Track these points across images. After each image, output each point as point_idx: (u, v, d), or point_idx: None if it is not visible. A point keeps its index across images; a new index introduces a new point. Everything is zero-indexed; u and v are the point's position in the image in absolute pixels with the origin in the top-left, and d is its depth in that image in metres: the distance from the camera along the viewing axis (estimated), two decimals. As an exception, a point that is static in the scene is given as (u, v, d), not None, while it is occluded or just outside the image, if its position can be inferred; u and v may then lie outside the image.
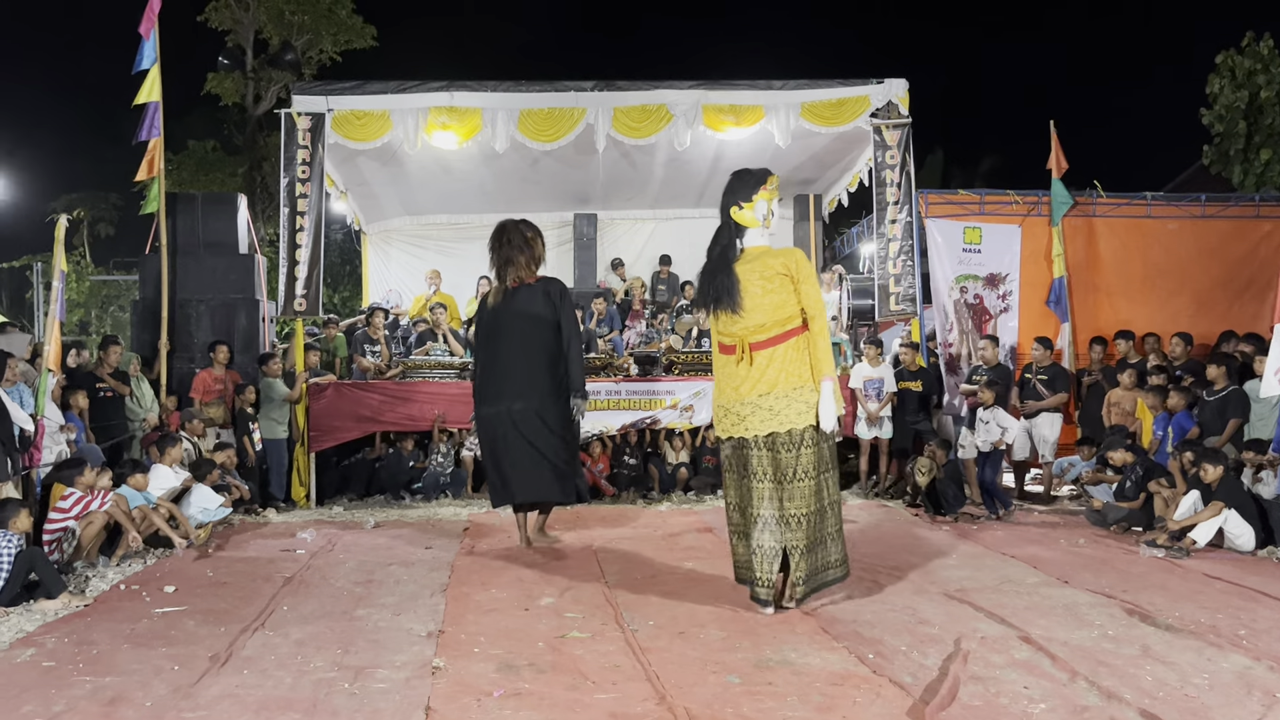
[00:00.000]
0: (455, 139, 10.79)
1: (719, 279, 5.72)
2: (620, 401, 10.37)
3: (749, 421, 5.62)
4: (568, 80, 10.75)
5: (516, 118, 10.62)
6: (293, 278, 10.43)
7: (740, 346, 5.67)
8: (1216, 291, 11.34)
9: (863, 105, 10.84)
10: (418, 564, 7.14)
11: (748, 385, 5.63)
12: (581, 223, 14.48)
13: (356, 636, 5.23)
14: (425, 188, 13.49)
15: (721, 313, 5.71)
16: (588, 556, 7.35)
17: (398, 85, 10.58)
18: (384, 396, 10.28)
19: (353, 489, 10.60)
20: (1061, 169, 11.15)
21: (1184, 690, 4.30)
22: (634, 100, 10.75)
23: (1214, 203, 11.64)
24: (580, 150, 11.33)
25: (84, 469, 7.18)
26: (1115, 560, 7.16)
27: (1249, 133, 13.00)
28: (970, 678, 4.44)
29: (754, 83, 10.83)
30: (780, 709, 4.08)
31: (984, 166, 24.59)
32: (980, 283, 11.16)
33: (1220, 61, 13.21)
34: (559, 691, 4.32)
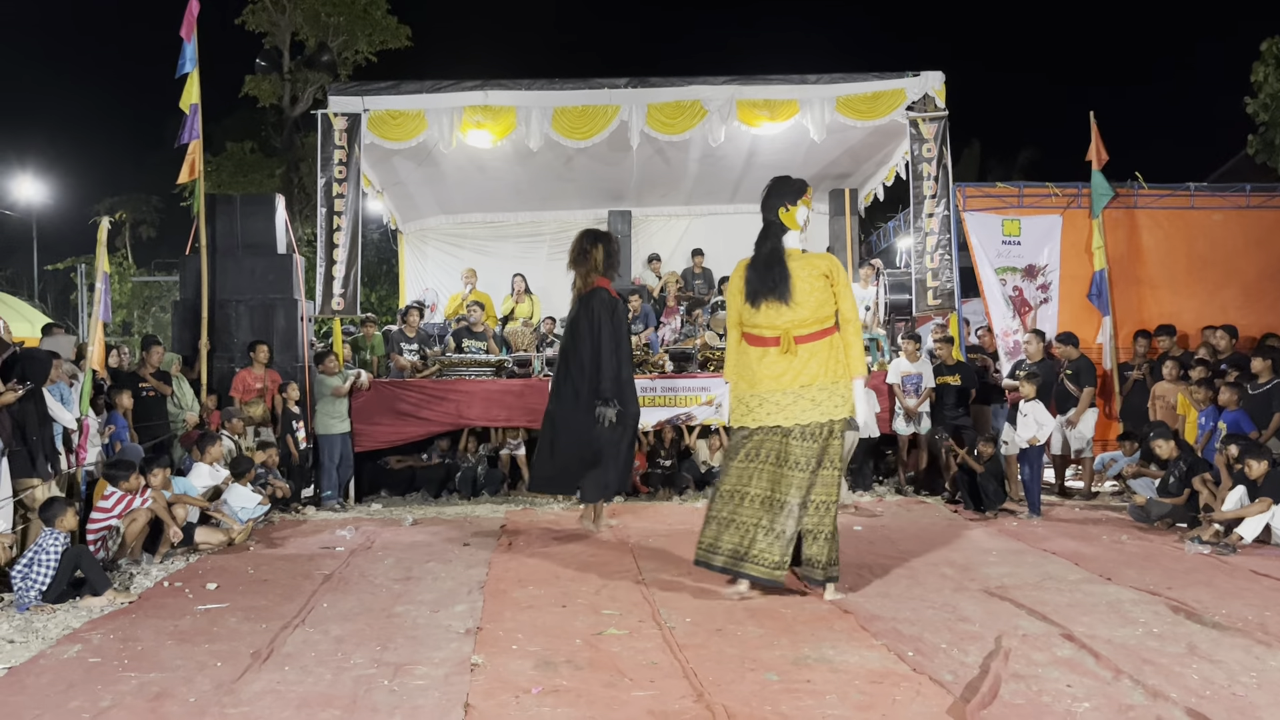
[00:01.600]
0: (490, 138, 10.83)
1: (775, 271, 5.91)
2: (655, 398, 10.36)
3: (790, 410, 5.84)
4: (601, 78, 10.75)
5: (550, 116, 10.64)
6: (330, 277, 10.52)
7: (785, 338, 5.86)
8: (1265, 283, 11.13)
9: (899, 98, 10.75)
10: (455, 561, 7.17)
11: (790, 376, 5.86)
12: (616, 220, 14.47)
13: (395, 633, 5.26)
14: (460, 187, 13.55)
15: (768, 304, 5.88)
16: (624, 554, 7.35)
17: (432, 85, 10.63)
18: (421, 394, 10.34)
19: (391, 487, 10.70)
20: (1102, 160, 10.98)
21: (1231, 689, 4.23)
22: (668, 96, 10.74)
23: (1259, 193, 11.42)
24: (614, 147, 11.33)
25: (132, 473, 7.26)
26: (1159, 556, 7.05)
27: (1294, 121, 12.78)
28: (1012, 676, 4.39)
29: (788, 77, 10.78)
30: (819, 707, 4.06)
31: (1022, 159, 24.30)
32: (1019, 275, 11.03)
33: (1265, 49, 12.97)
34: (597, 689, 4.32)
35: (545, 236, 15.22)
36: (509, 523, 8.85)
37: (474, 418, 10.36)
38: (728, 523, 5.94)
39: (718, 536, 5.96)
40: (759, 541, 5.80)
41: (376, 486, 10.77)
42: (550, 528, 8.56)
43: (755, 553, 5.81)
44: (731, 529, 5.91)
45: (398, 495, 10.65)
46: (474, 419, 10.37)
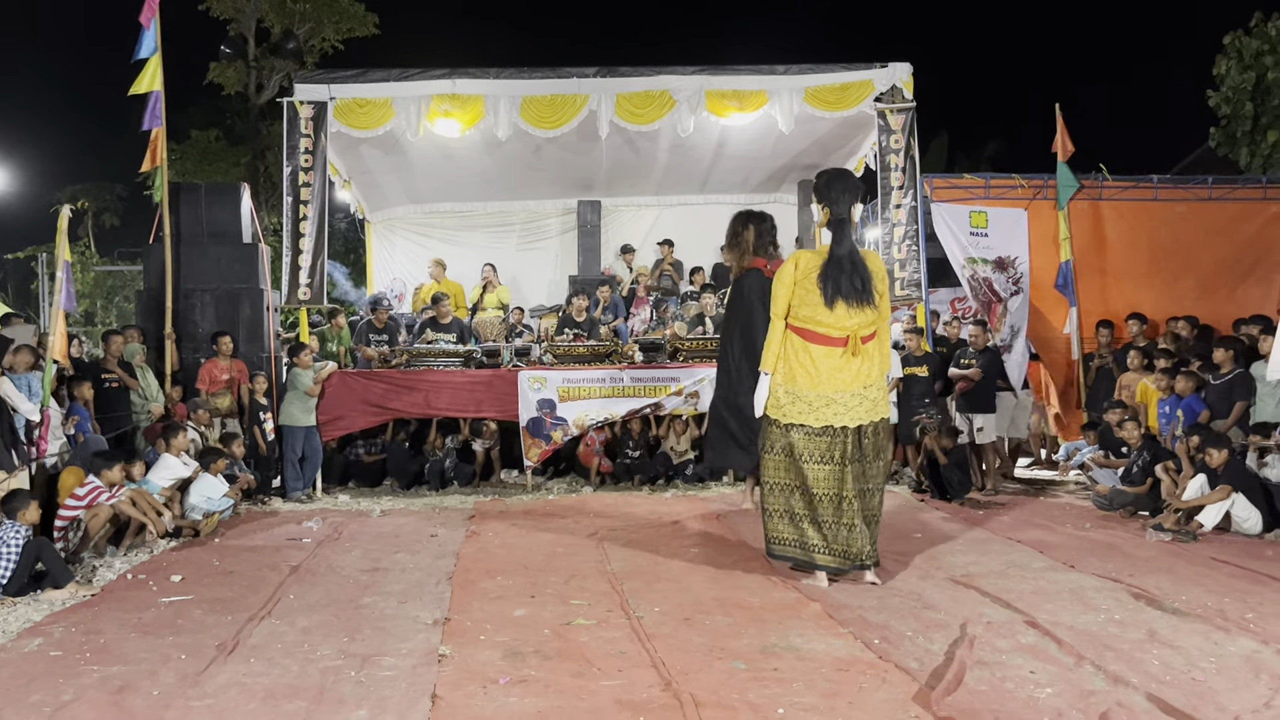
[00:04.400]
0: (458, 126, 10.76)
1: (861, 274, 5.89)
2: (625, 389, 10.35)
3: (856, 411, 5.91)
4: (570, 67, 10.71)
5: (519, 105, 10.58)
6: (296, 267, 10.43)
7: (853, 340, 5.89)
8: (1224, 274, 11.28)
9: (866, 89, 10.78)
10: (423, 552, 7.15)
11: (851, 377, 5.92)
12: (585, 210, 14.45)
13: (363, 624, 5.24)
14: (428, 176, 13.47)
15: (846, 307, 5.85)
16: (592, 543, 7.35)
17: (400, 73, 10.55)
18: (389, 385, 10.28)
19: (360, 479, 10.65)
20: (1067, 152, 11.09)
21: (1191, 674, 4.30)
22: (637, 86, 10.71)
23: (1220, 185, 11.57)
24: (583, 137, 11.30)
25: (116, 464, 7.18)
26: (1122, 544, 7.14)
27: (1256, 114, 12.91)
28: (976, 663, 4.44)
29: (757, 67, 10.78)
30: (786, 695, 4.08)
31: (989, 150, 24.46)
32: (989, 266, 11.10)
33: (1228, 43, 13.12)
34: (565, 678, 4.32)
35: (514, 226, 15.16)
36: (478, 514, 8.82)
37: (442, 408, 10.32)
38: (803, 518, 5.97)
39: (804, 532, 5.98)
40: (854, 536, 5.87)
41: (345, 478, 10.71)
42: (519, 519, 8.54)
43: (854, 548, 5.87)
44: (810, 525, 5.95)
45: (366, 487, 10.59)
46: (442, 409, 10.33)
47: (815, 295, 5.89)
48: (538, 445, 10.24)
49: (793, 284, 5.97)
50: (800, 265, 6.00)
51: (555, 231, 15.16)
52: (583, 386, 10.31)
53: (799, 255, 6.09)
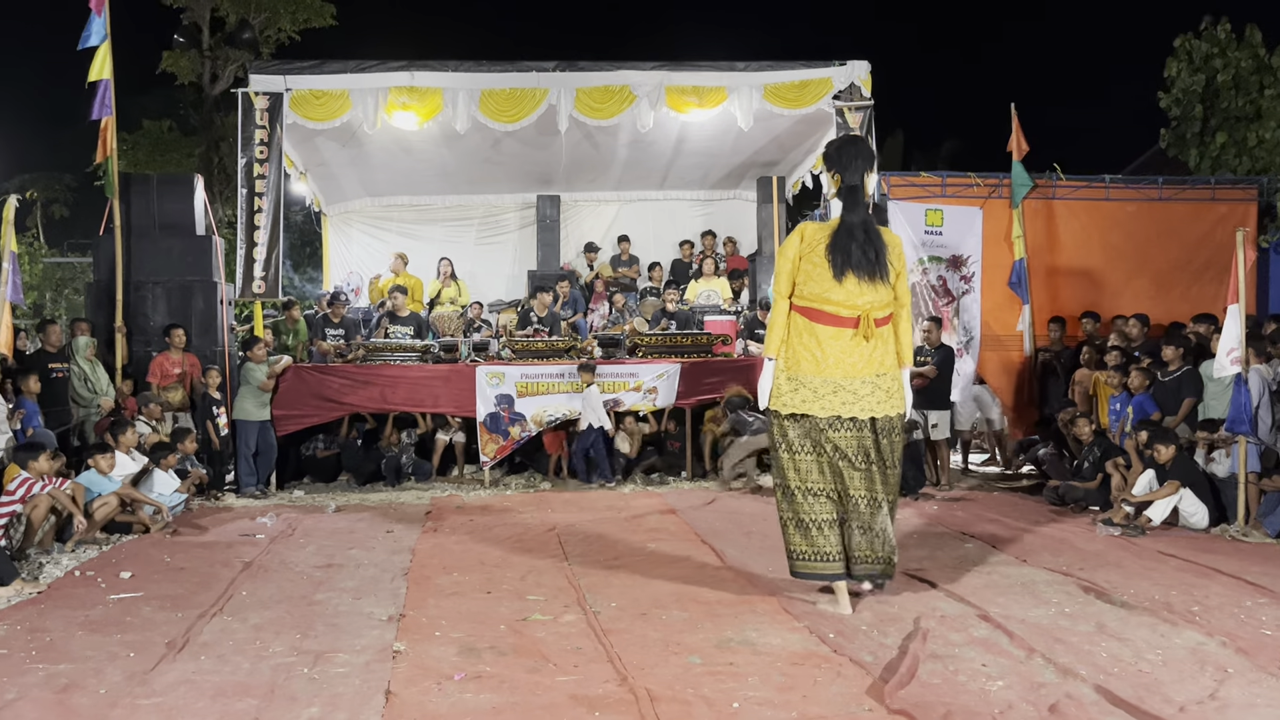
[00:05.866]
0: (416, 119, 10.71)
1: (874, 244, 5.25)
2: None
3: (867, 401, 5.28)
4: (529, 60, 10.68)
5: (478, 98, 10.55)
6: (251, 259, 10.32)
7: (865, 320, 5.24)
8: (1175, 273, 11.46)
9: (825, 87, 10.87)
10: (379, 548, 7.09)
11: (862, 362, 5.28)
12: (544, 204, 14.40)
13: (316, 621, 5.19)
14: (386, 169, 13.37)
15: (856, 280, 5.21)
16: (550, 539, 7.33)
17: (357, 65, 10.47)
18: (345, 379, 10.19)
19: (315, 474, 10.55)
20: (1022, 151, 11.21)
21: (1138, 666, 4.36)
22: (596, 81, 10.72)
23: (1171, 185, 11.75)
24: (542, 131, 11.27)
25: (41, 454, 7.05)
26: (1073, 539, 7.24)
27: (1205, 116, 13.11)
28: (929, 656, 4.48)
29: (717, 64, 10.82)
30: (741, 689, 4.10)
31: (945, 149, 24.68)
32: (943, 264, 11.21)
33: (1178, 45, 13.31)
34: (520, 674, 4.31)
35: (473, 220, 15.10)
36: (434, 510, 8.77)
37: (399, 403, 10.23)
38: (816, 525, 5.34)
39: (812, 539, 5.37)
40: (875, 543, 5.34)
41: (300, 474, 10.60)
42: (477, 514, 8.50)
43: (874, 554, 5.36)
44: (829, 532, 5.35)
45: (321, 483, 10.49)
46: (399, 404, 10.25)
47: (823, 269, 5.24)
48: (495, 441, 10.19)
49: (797, 258, 5.33)
50: (806, 237, 5.35)
51: (514, 226, 15.11)
52: (541, 382, 10.28)
53: (805, 227, 5.42)
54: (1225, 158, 12.71)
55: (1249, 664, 4.37)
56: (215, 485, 9.55)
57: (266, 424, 9.84)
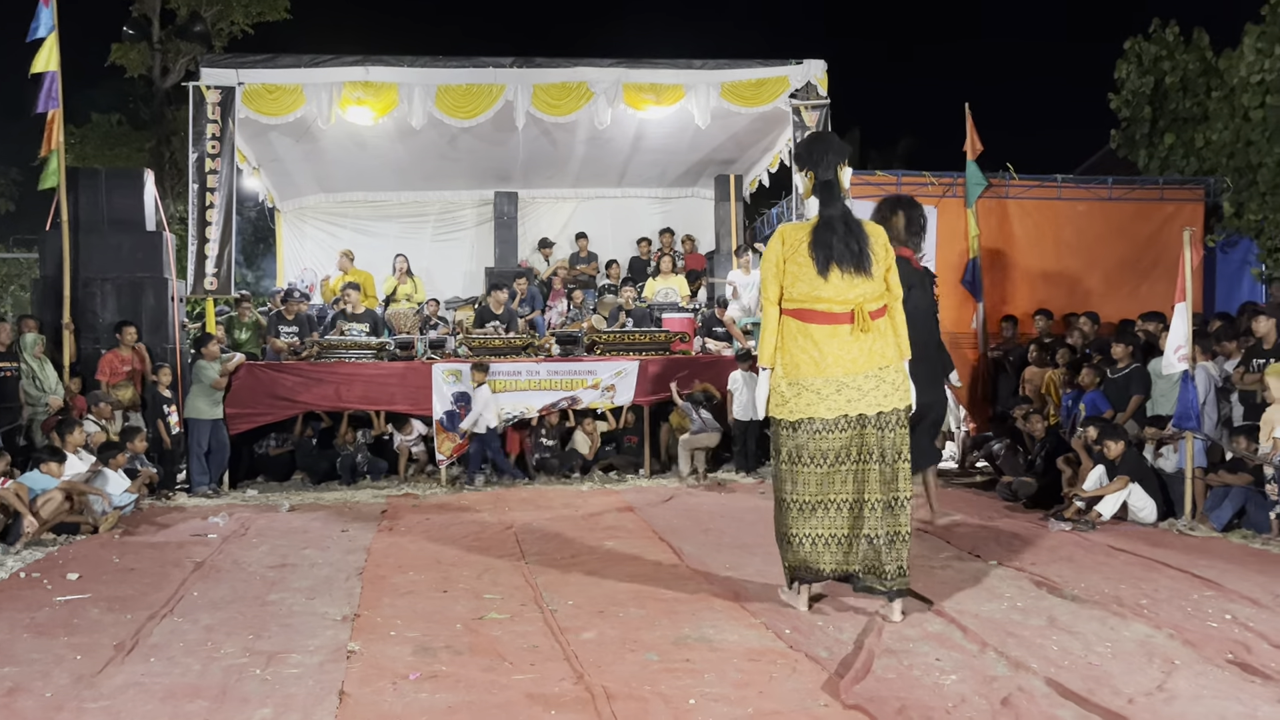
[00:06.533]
0: (371, 114, 10.62)
1: (857, 235, 5.15)
2: (541, 382, 10.31)
3: (873, 396, 5.12)
4: (486, 56, 10.62)
5: (434, 93, 10.48)
6: (203, 256, 10.18)
7: (859, 313, 5.13)
8: (1125, 271, 11.65)
9: (782, 86, 10.91)
10: (333, 547, 7.02)
11: (863, 357, 5.14)
12: (502, 201, 14.34)
13: (269, 621, 5.12)
14: (340, 164, 13.24)
15: (844, 274, 5.10)
16: (507, 537, 7.30)
17: (311, 59, 10.35)
18: (299, 377, 10.08)
19: (269, 473, 10.42)
20: (976, 151, 11.34)
21: (1088, 659, 4.43)
22: (554, 78, 10.68)
23: (1120, 185, 11.95)
24: (500, 127, 11.22)
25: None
26: (1025, 534, 7.33)
27: (1154, 117, 13.33)
28: (884, 651, 4.51)
29: (674, 61, 10.83)
30: (697, 685, 4.10)
31: (901, 148, 24.90)
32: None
33: (1128, 48, 13.52)
34: (476, 673, 4.28)
35: (429, 217, 15.00)
36: (390, 508, 8.70)
37: (354, 401, 10.14)
38: (820, 539, 5.14)
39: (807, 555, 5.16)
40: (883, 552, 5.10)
41: (253, 473, 10.47)
42: (433, 513, 8.44)
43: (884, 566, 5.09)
44: (828, 545, 5.13)
45: (275, 482, 10.37)
46: (354, 402, 10.16)
47: (808, 268, 5.13)
48: (452, 439, 10.13)
49: (781, 261, 5.21)
50: (787, 240, 5.23)
51: (471, 223, 15.03)
52: (498, 380, 10.23)
53: (784, 229, 5.31)
54: (1173, 158, 12.93)
55: (1196, 656, 4.45)
56: (166, 485, 9.42)
57: (219, 422, 9.71)
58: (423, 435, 10.39)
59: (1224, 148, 11.84)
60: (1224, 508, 7.52)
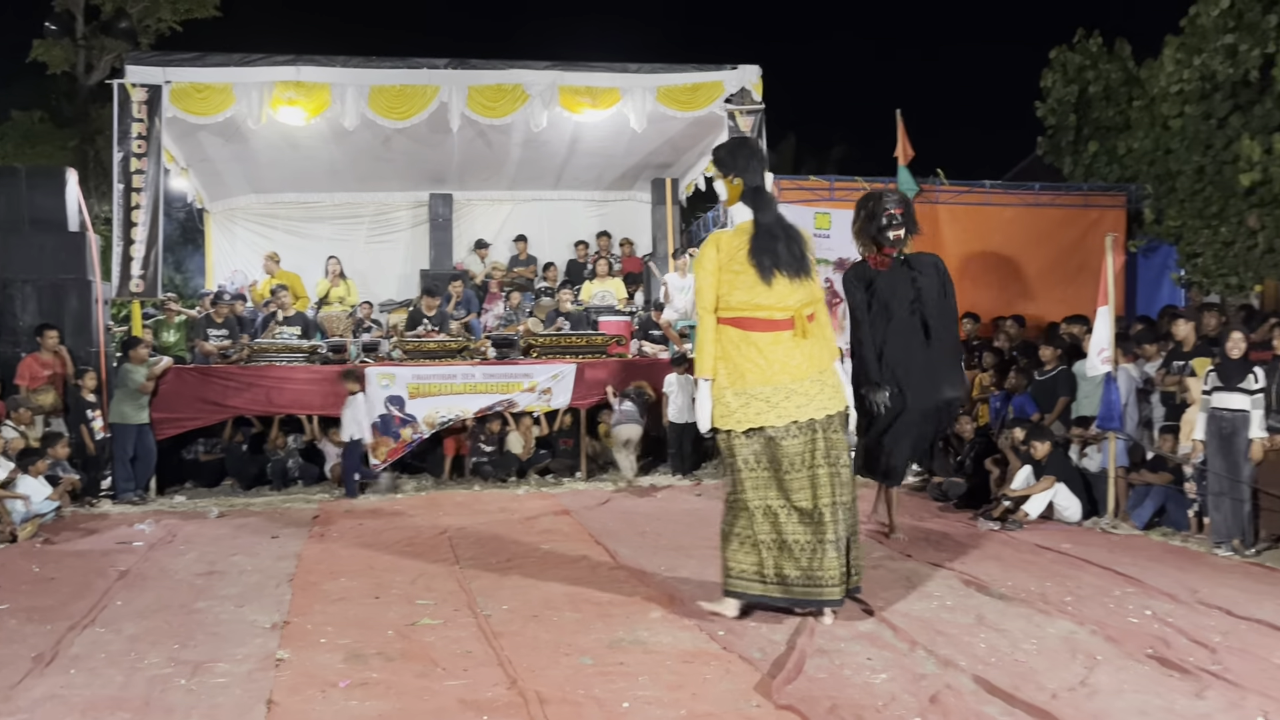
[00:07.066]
0: (303, 115, 10.48)
1: (796, 241, 5.14)
2: (476, 385, 10.24)
3: (819, 400, 5.08)
4: (420, 57, 10.53)
5: (367, 94, 10.36)
6: (128, 257, 9.97)
7: (799, 319, 5.10)
8: (1051, 275, 11.90)
9: (717, 90, 10.98)
10: (263, 554, 6.91)
11: (805, 362, 5.10)
12: (437, 203, 14.21)
13: (196, 630, 5.03)
14: (272, 165, 13.02)
15: (784, 280, 5.05)
16: (441, 542, 7.24)
17: (241, 58, 10.18)
18: (228, 381, 9.90)
19: (198, 479, 10.22)
20: (908, 157, 11.50)
21: (1014, 655, 4.52)
22: (489, 79, 10.63)
23: (1047, 191, 12.23)
24: (434, 129, 11.13)
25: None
26: (954, 533, 7.47)
27: (1079, 125, 13.64)
28: (816, 651, 4.56)
29: (610, 65, 10.85)
30: (631, 688, 4.11)
31: (835, 153, 25.15)
32: (830, 267, 11.42)
33: (1054, 57, 13.83)
34: (408, 679, 4.25)
35: (363, 219, 14.80)
36: (323, 514, 8.59)
37: (285, 405, 9.99)
38: (778, 545, 5.06)
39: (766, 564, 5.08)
40: (826, 560, 4.99)
41: (181, 479, 10.24)
42: (366, 518, 8.35)
43: (826, 574, 4.99)
44: (786, 552, 5.05)
45: (204, 487, 10.16)
46: (285, 407, 10.01)
47: (748, 275, 5.04)
48: (386, 443, 10.03)
49: (717, 269, 5.10)
50: (723, 247, 5.13)
51: (406, 225, 14.87)
52: (433, 383, 10.15)
53: (719, 236, 5.23)
54: (1097, 166, 13.25)
55: (1117, 651, 4.56)
56: (90, 492, 9.19)
57: (145, 427, 9.49)
58: None
59: (1145, 156, 12.16)
60: (1145, 506, 7.74)
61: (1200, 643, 4.68)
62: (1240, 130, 10.35)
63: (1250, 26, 10.14)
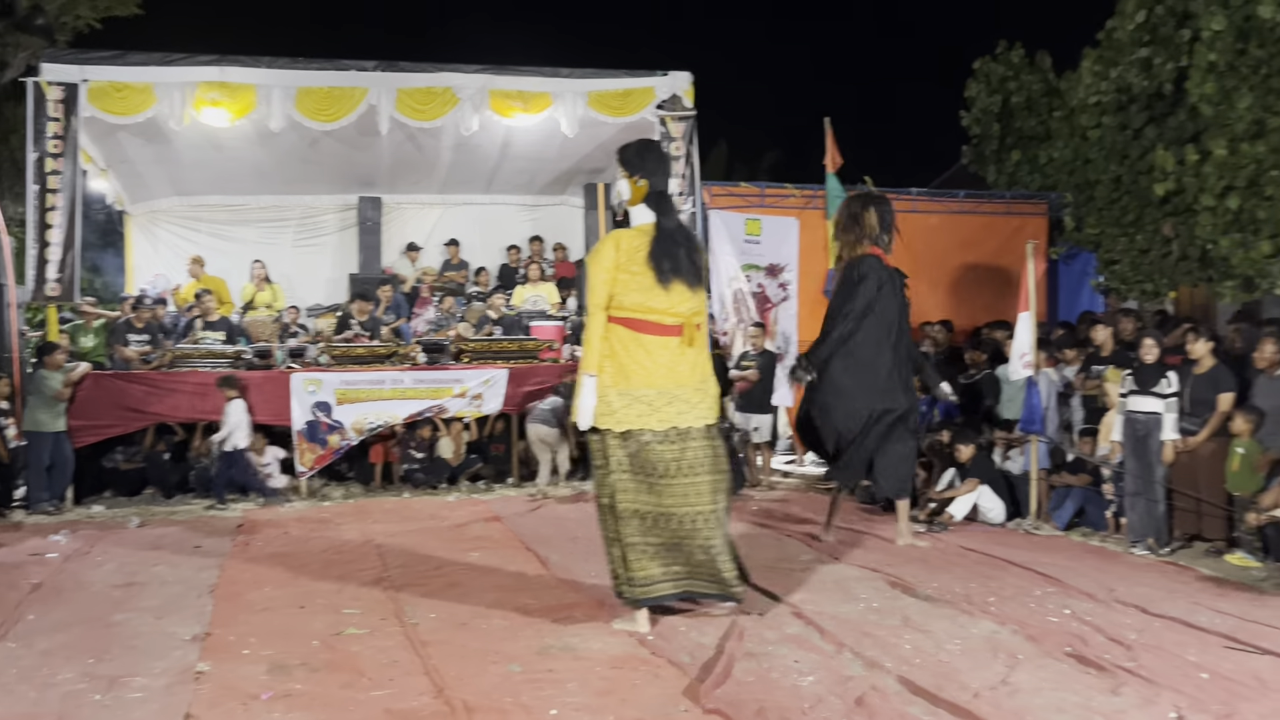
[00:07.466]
0: (227, 116, 10.27)
1: (694, 248, 5.21)
2: (406, 391, 10.12)
3: (700, 409, 5.12)
4: (348, 59, 10.41)
5: (294, 96, 10.19)
6: (44, 260, 9.67)
7: (688, 327, 5.13)
8: (975, 282, 12.14)
9: (648, 96, 11.01)
10: (185, 564, 6.75)
11: (688, 370, 5.13)
12: (366, 206, 14.00)
13: (112, 644, 4.89)
14: (196, 167, 12.74)
15: (679, 286, 5.08)
16: (369, 550, 7.14)
17: (162, 57, 9.96)
18: (149, 387, 9.66)
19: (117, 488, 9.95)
20: (836, 164, 11.62)
21: (938, 656, 4.60)
22: (418, 82, 10.54)
23: (971, 199, 12.47)
24: (363, 131, 10.99)
25: None
26: (883, 536, 7.55)
27: (1002, 135, 13.95)
28: (744, 654, 4.59)
29: (541, 69, 10.82)
30: (560, 695, 4.10)
31: (766, 161, 25.40)
32: (762, 272, 11.52)
33: (978, 68, 14.12)
34: (333, 690, 4.18)
35: (290, 222, 14.54)
36: (247, 523, 8.42)
37: (209, 411, 9.75)
38: (663, 548, 5.08)
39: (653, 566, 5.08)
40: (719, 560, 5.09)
41: (100, 488, 9.96)
42: (292, 526, 8.20)
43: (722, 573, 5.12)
44: (672, 554, 5.09)
45: (124, 497, 9.89)
46: (209, 413, 9.76)
47: (645, 277, 5.04)
48: (313, 450, 9.86)
49: (614, 268, 5.06)
50: (622, 246, 5.11)
51: (334, 228, 14.65)
52: (361, 389, 10.01)
53: (619, 235, 5.19)
54: (1020, 174, 13.54)
55: (1037, 650, 4.67)
56: (3, 502, 8.89)
57: (62, 435, 9.21)
58: (280, 459, 10.01)
59: (1065, 165, 12.47)
60: (1065, 507, 7.93)
61: (1116, 640, 4.81)
62: (1155, 141, 10.66)
63: (1164, 40, 10.46)
